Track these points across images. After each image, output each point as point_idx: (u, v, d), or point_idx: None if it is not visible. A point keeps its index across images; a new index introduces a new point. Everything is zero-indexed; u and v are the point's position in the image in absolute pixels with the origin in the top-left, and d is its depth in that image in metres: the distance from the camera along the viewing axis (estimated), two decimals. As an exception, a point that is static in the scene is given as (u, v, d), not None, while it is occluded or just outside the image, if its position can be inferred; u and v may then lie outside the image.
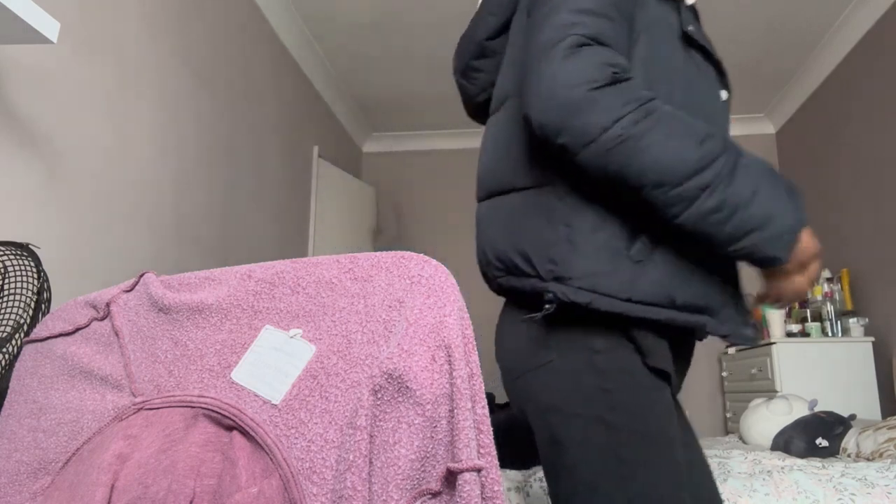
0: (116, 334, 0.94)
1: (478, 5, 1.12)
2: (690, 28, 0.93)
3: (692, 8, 1.01)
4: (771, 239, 0.79)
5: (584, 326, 0.85)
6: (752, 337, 0.91)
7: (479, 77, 1.14)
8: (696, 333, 0.93)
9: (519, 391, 0.92)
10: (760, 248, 0.79)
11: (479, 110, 1.17)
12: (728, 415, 3.81)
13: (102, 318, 0.98)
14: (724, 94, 0.97)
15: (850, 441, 2.06)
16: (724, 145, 0.79)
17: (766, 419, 2.42)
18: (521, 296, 0.90)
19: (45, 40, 1.24)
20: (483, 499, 0.68)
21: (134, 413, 0.85)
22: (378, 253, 0.83)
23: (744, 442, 2.54)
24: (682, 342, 0.93)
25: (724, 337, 0.89)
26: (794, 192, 0.81)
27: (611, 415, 0.82)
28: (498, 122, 0.98)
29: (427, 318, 0.75)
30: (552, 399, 0.86)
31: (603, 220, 0.84)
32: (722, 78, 0.98)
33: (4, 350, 1.08)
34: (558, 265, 0.83)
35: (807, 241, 0.81)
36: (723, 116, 0.96)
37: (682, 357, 0.96)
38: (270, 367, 0.81)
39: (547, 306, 0.83)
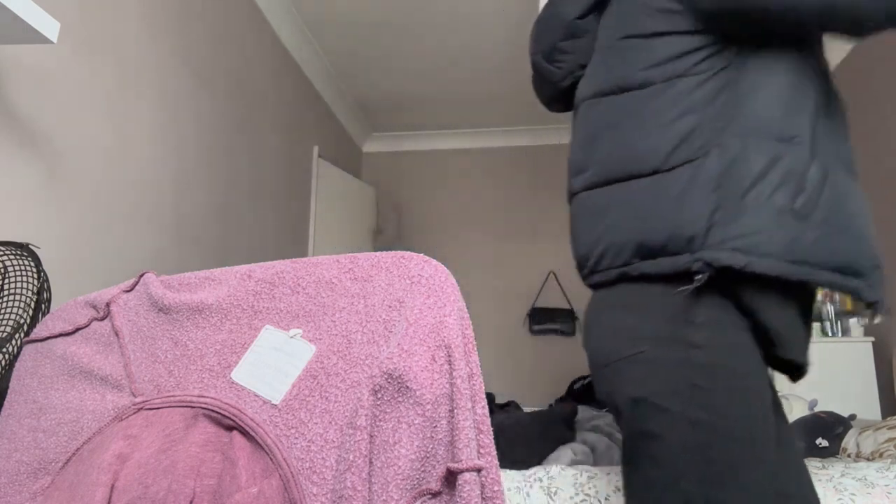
0: (116, 334, 0.94)
1: None
2: None
3: None
4: None
5: (685, 318, 0.81)
6: (888, 307, 0.85)
7: (566, 59, 1.07)
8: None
9: (606, 379, 0.89)
10: None
11: (561, 96, 1.11)
12: (728, 415, 3.80)
13: (102, 318, 0.98)
14: None
15: (850, 441, 2.06)
16: None
17: (766, 419, 2.42)
18: (650, 280, 0.85)
19: (45, 40, 1.24)
20: (483, 499, 0.67)
21: (134, 413, 0.85)
22: (378, 253, 0.83)
23: (744, 442, 2.54)
24: (807, 312, 0.88)
25: (869, 305, 0.83)
26: None
27: (703, 413, 0.78)
28: (621, 106, 0.92)
29: (427, 318, 0.75)
30: (641, 391, 0.82)
31: (767, 169, 0.79)
32: None
33: (4, 350, 1.08)
34: (712, 229, 0.79)
35: None
36: None
37: (807, 328, 0.91)
38: (270, 367, 0.81)
39: (698, 276, 0.78)
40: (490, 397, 2.48)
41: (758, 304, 0.81)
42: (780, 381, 3.51)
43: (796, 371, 0.89)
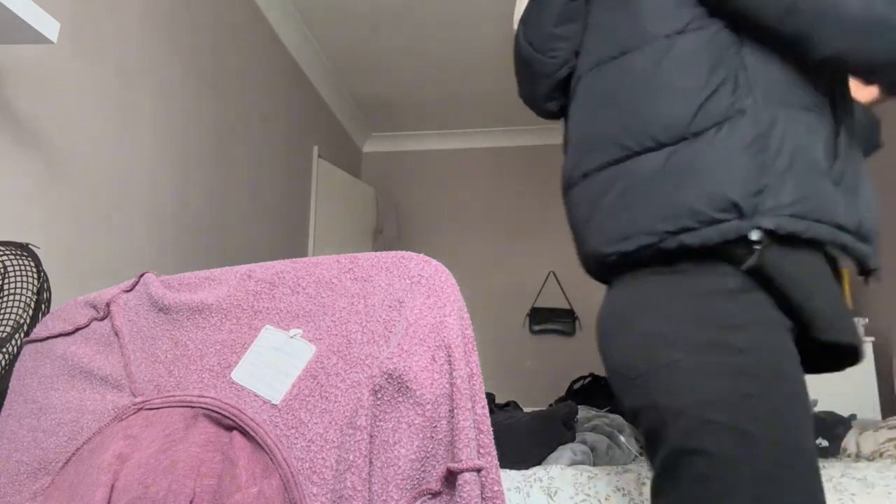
0: (116, 334, 0.94)
1: None
2: None
3: None
4: None
5: (722, 319, 0.76)
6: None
7: (562, 47, 0.97)
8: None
9: (636, 393, 0.81)
10: None
11: (556, 90, 1.01)
12: (728, 415, 3.80)
13: (102, 318, 0.98)
14: None
15: (850, 441, 2.06)
16: None
17: (766, 419, 2.42)
18: (690, 257, 0.79)
19: (45, 40, 1.24)
20: (483, 499, 0.67)
21: (134, 413, 0.85)
22: (378, 253, 0.83)
23: (744, 442, 2.54)
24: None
25: (869, 273, 0.83)
26: None
27: (752, 425, 0.72)
28: (626, 71, 0.85)
29: (427, 318, 0.74)
30: (679, 403, 0.76)
31: (811, 137, 0.77)
32: None
33: (4, 350, 1.08)
34: (765, 193, 0.74)
35: None
36: None
37: None
38: (270, 367, 0.80)
39: (756, 246, 0.74)
40: (490, 397, 2.48)
41: (798, 284, 0.76)
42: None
43: (849, 357, 0.84)
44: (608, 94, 0.88)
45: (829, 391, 3.06)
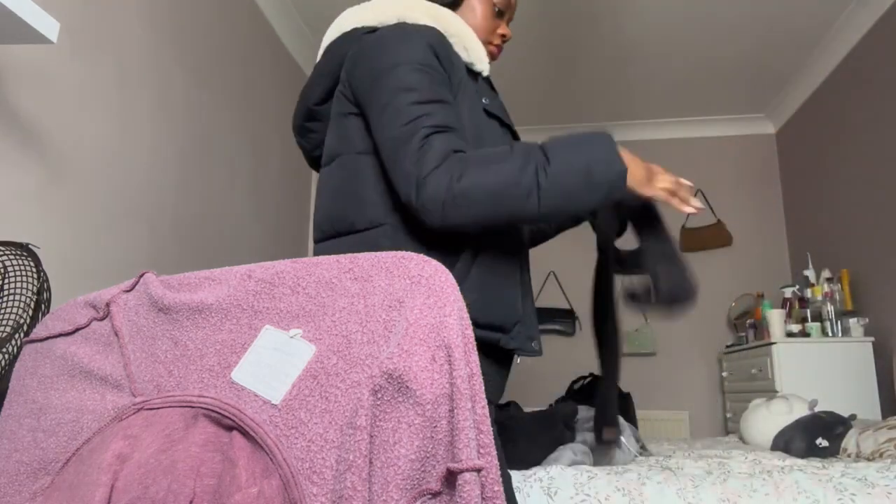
0: (116, 334, 0.94)
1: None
2: (486, 101, 1.12)
3: (487, 79, 1.18)
4: (605, 162, 0.94)
5: None
6: (536, 350, 1.12)
7: (312, 137, 1.27)
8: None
9: None
10: (607, 177, 0.94)
11: (316, 163, 1.31)
12: (728, 415, 3.81)
13: (102, 318, 0.98)
14: None
15: (850, 441, 2.06)
16: (522, 145, 0.96)
17: (766, 419, 2.42)
18: None
19: (45, 40, 1.24)
20: (483, 499, 0.68)
21: (134, 413, 0.85)
22: (378, 253, 0.83)
23: (744, 442, 2.54)
24: (506, 360, 1.12)
25: (513, 350, 1.07)
26: (589, 137, 0.97)
27: None
28: (331, 176, 1.11)
29: (427, 318, 0.75)
30: None
31: (426, 251, 0.94)
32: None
33: (4, 350, 1.08)
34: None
35: (631, 160, 0.98)
36: None
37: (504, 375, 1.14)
38: (270, 367, 0.81)
39: None
40: (490, 397, 2.47)
41: None
42: (781, 381, 3.48)
43: None
44: (322, 189, 1.14)
45: (829, 391, 3.07)
